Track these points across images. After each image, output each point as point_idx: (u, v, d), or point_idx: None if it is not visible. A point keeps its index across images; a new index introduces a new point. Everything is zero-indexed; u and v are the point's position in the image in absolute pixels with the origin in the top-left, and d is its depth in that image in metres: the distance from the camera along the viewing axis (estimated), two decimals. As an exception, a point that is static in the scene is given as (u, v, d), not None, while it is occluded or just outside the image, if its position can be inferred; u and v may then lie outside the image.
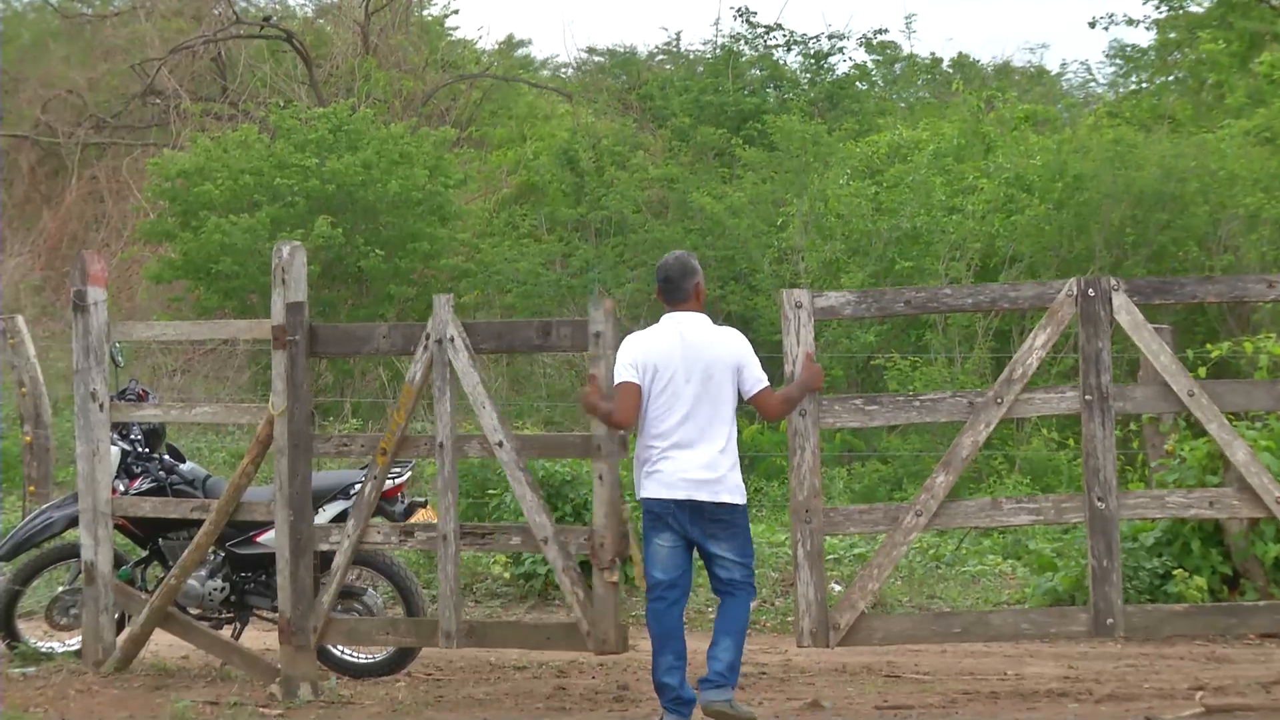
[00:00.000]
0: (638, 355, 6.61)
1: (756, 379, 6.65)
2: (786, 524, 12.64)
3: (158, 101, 24.21)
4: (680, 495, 6.49)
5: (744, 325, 18.29)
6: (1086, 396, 7.15)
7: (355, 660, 7.98)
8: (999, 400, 7.16)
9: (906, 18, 39.31)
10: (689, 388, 6.52)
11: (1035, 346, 7.21)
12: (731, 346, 6.66)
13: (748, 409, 7.06)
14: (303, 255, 7.49)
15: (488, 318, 19.72)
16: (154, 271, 19.01)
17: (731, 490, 6.56)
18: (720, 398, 6.57)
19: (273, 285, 7.48)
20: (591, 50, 28.52)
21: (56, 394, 13.71)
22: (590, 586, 7.12)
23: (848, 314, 7.51)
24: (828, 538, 7.50)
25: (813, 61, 24.85)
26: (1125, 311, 7.18)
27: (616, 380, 6.66)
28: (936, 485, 7.14)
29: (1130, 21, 27.71)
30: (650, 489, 6.56)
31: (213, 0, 25.48)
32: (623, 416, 6.63)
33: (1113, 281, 7.22)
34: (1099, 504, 7.10)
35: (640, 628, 9.63)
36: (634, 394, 6.58)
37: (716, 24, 48.61)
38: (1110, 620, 7.09)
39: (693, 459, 6.49)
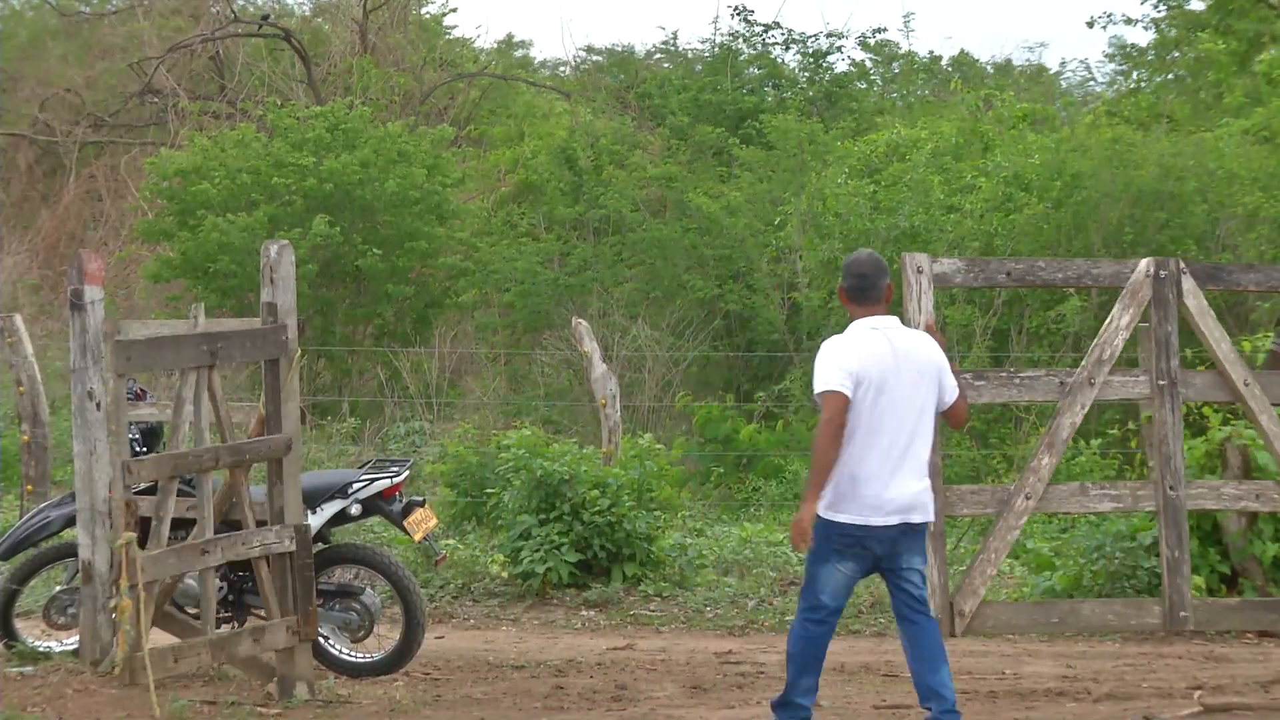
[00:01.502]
0: (852, 365, 5.95)
1: (953, 386, 6.17)
2: (785, 523, 12.64)
3: (155, 100, 24.22)
4: (894, 520, 5.97)
5: (743, 324, 18.34)
6: (1160, 381, 7.13)
7: (353, 659, 7.96)
8: (1091, 381, 7.12)
9: (905, 16, 39.12)
10: (904, 400, 5.98)
11: (1120, 326, 7.16)
12: (935, 352, 6.15)
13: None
14: (291, 254, 7.44)
15: (486, 317, 19.75)
16: (152, 270, 19.01)
17: (933, 505, 6.15)
18: (927, 408, 6.05)
19: (261, 284, 7.46)
20: (589, 49, 28.59)
21: (54, 393, 13.70)
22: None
23: (958, 282, 7.42)
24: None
25: (811, 60, 24.84)
26: (1193, 296, 7.17)
27: (827, 387, 5.93)
28: (1042, 467, 7.10)
29: (1129, 21, 27.55)
30: (855, 513, 5.97)
31: (210, -1, 25.51)
32: (837, 431, 5.89)
33: (1181, 264, 7.20)
34: (1171, 492, 7.11)
35: (638, 626, 9.65)
36: (845, 406, 5.91)
37: (714, 23, 48.51)
38: (1183, 613, 7.12)
39: (906, 477, 5.98)
